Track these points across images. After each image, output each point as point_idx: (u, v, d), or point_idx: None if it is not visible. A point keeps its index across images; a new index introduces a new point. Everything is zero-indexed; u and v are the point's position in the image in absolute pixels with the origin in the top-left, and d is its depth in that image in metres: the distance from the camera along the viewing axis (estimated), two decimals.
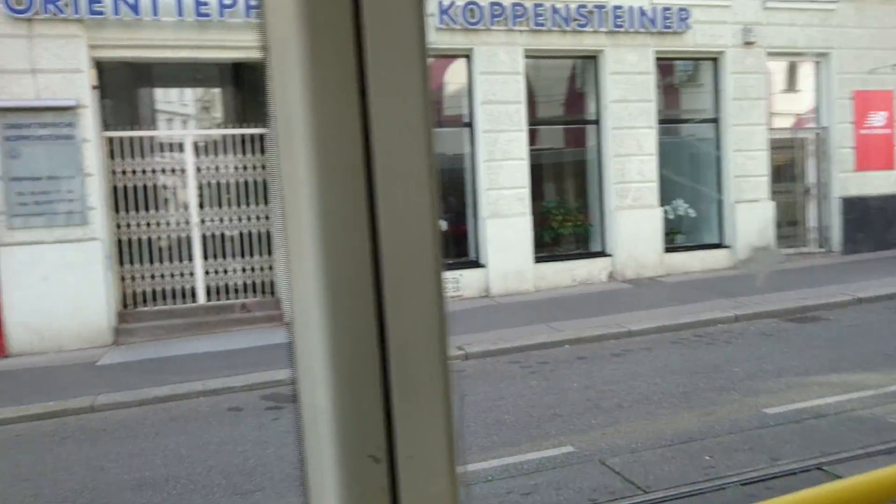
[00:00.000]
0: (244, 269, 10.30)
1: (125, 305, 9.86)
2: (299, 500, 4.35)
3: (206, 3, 9.35)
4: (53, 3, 8.93)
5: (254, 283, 10.35)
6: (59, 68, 9.06)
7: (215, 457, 5.26)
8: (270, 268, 10.32)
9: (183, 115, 12.28)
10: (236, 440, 5.64)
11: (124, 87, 10.56)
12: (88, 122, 9.21)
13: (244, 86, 11.03)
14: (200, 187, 10.17)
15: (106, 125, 9.72)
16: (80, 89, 9.15)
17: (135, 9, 9.16)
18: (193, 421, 6.27)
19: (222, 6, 9.40)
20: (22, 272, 8.94)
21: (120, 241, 9.79)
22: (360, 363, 0.62)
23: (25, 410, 6.74)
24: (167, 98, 12.17)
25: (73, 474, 5.10)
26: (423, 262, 0.64)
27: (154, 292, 9.99)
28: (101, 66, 9.49)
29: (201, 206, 10.14)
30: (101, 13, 9.08)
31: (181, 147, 10.14)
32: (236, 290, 10.29)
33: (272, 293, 10.31)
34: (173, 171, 10.15)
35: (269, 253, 10.29)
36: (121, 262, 9.79)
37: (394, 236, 0.62)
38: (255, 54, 9.73)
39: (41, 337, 9.02)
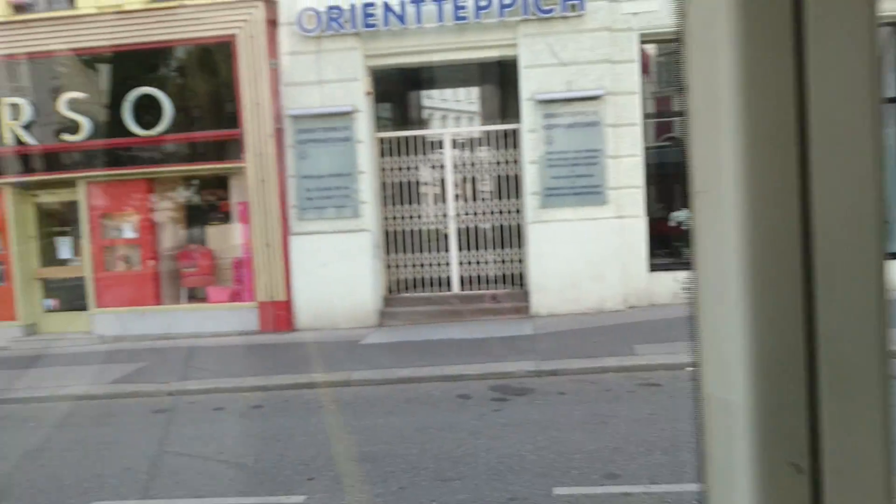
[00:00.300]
0: (495, 261, 10.69)
1: (389, 291, 10.84)
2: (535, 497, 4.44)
3: (463, 7, 9.83)
4: (336, 20, 10.09)
5: (504, 275, 10.68)
6: (339, 78, 10.22)
7: (432, 441, 5.57)
8: (520, 260, 10.55)
9: (444, 114, 13.09)
10: (455, 427, 5.91)
11: (393, 91, 11.55)
12: (362, 125, 10.27)
13: (499, 83, 11.38)
14: (458, 182, 10.76)
15: (378, 127, 10.76)
16: (356, 96, 10.23)
17: (401, 19, 9.96)
18: (424, 404, 6.71)
19: (478, 8, 9.80)
20: (306, 258, 10.32)
21: (387, 232, 10.78)
22: (782, 356, 0.56)
23: (295, 379, 7.80)
24: (430, 99, 13.06)
25: (314, 440, 5.79)
26: (862, 249, 0.58)
27: (414, 280, 10.84)
28: (374, 74, 10.50)
29: (458, 199, 10.73)
30: (373, 26, 10.03)
31: (441, 144, 10.81)
32: (487, 281, 10.73)
33: (521, 285, 10.55)
34: (433, 167, 10.87)
35: (520, 245, 10.52)
36: (387, 252, 10.78)
37: (829, 218, 0.57)
38: (509, 52, 10.04)
39: (320, 315, 10.32)
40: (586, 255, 9.89)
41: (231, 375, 8.16)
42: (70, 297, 10.97)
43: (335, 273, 10.26)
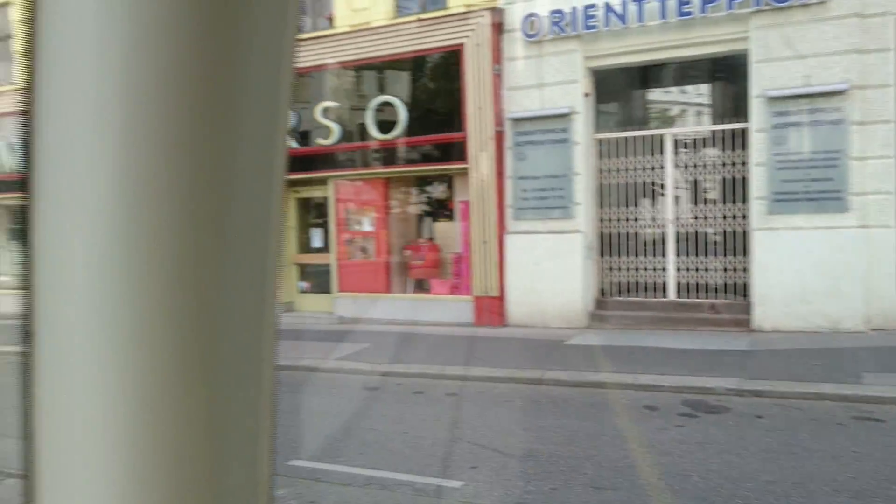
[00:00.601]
0: (716, 269, 10.07)
1: (602, 293, 10.75)
2: None
3: (688, 2, 9.39)
4: (558, 24, 10.23)
5: (725, 284, 10.03)
6: (559, 80, 10.36)
7: (599, 447, 5.54)
8: (744, 269, 9.82)
9: (665, 114, 12.53)
10: (629, 437, 5.80)
11: (612, 92, 11.35)
12: (579, 127, 10.31)
13: (726, 80, 10.66)
14: (678, 184, 10.32)
15: (596, 128, 10.71)
16: (574, 97, 10.29)
17: (622, 18, 9.81)
18: (607, 410, 6.66)
19: (704, 2, 9.30)
20: (520, 257, 10.64)
21: (602, 234, 10.69)
22: None
23: (493, 372, 8.15)
24: (651, 99, 12.58)
25: (490, 431, 6.06)
26: None
27: (628, 284, 10.62)
28: (594, 75, 10.46)
29: (678, 202, 10.30)
30: (594, 27, 10.01)
31: (661, 145, 10.42)
32: (706, 290, 10.15)
33: (743, 296, 9.82)
34: (653, 168, 10.52)
35: (744, 253, 9.79)
36: (601, 254, 10.70)
37: None
38: (738, 46, 9.37)
39: (531, 313, 10.59)
40: (821, 268, 8.92)
41: (437, 363, 8.75)
42: (319, 280, 12.51)
43: (547, 272, 10.44)
